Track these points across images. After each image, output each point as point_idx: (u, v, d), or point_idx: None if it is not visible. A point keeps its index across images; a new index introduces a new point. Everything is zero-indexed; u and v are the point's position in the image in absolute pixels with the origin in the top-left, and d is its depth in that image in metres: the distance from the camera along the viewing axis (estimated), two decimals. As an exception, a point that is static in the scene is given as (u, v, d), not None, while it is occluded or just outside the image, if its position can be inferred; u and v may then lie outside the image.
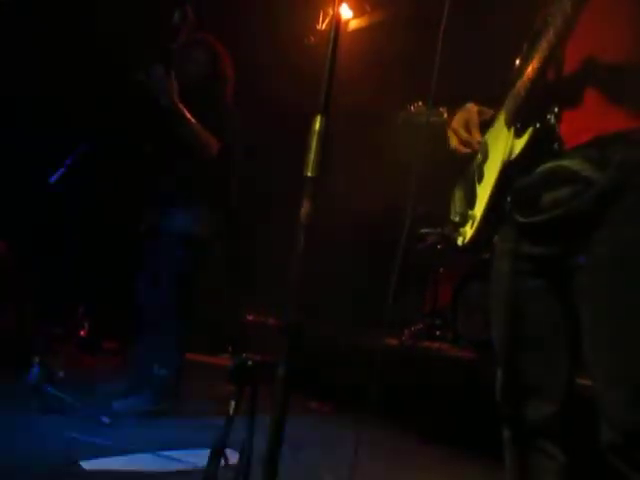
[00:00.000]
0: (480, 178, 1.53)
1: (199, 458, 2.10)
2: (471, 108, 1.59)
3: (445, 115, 4.62)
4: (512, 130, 1.41)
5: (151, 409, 2.75)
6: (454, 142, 1.59)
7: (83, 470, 2.08)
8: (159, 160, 2.95)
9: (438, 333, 3.93)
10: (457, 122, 1.59)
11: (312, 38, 4.77)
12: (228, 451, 1.94)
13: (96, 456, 2.18)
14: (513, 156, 1.37)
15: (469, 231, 1.50)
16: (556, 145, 1.31)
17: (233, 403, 1.83)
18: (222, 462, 1.92)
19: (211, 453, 1.91)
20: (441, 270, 4.05)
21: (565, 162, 1.31)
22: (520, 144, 1.35)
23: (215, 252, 3.02)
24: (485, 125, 1.56)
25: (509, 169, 1.39)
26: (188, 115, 2.76)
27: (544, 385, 1.42)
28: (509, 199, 1.43)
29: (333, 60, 1.13)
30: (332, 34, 1.15)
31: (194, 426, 2.69)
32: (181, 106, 2.74)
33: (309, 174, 1.06)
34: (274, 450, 1.02)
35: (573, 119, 1.31)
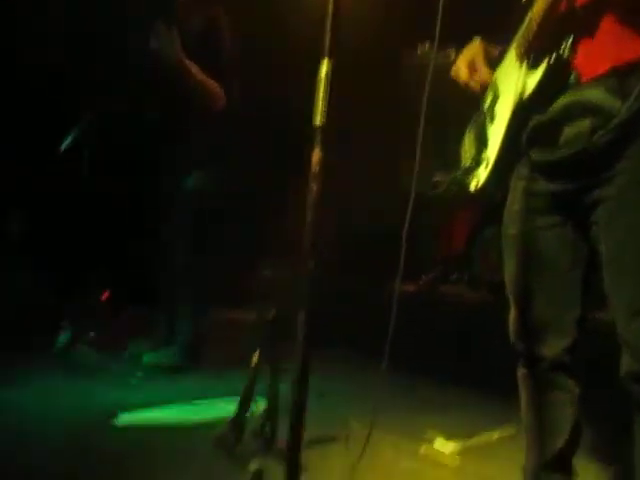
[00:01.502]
0: (492, 118, 1.49)
1: (227, 407, 2.19)
2: (477, 44, 1.54)
3: (453, 56, 4.50)
4: (524, 65, 1.37)
5: (179, 364, 2.84)
6: (464, 77, 1.54)
7: (118, 425, 2.17)
8: (166, 125, 2.94)
9: (454, 277, 3.95)
10: (462, 60, 1.55)
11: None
12: (254, 400, 2.02)
13: (129, 411, 2.27)
14: (527, 92, 1.34)
15: (483, 173, 1.47)
16: (572, 78, 1.29)
17: (257, 354, 1.89)
18: (250, 411, 2.00)
19: (239, 402, 1.98)
20: (454, 214, 4.04)
21: (584, 94, 1.28)
22: (534, 79, 1.32)
23: (228, 209, 3.04)
24: (493, 63, 1.51)
25: (523, 106, 1.36)
26: (194, 68, 2.73)
27: (558, 320, 1.44)
28: (524, 137, 1.40)
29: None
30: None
31: (221, 378, 2.77)
32: (186, 61, 2.72)
33: (318, 122, 1.05)
34: (300, 397, 1.06)
35: (589, 50, 1.28)
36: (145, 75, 2.89)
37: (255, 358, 1.94)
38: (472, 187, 1.50)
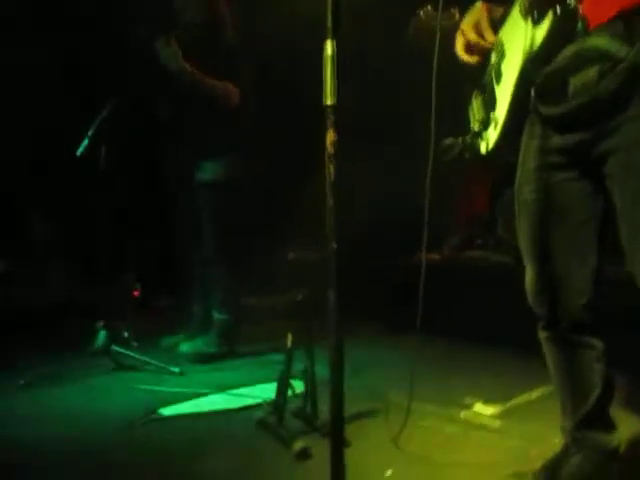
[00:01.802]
0: (498, 78, 1.48)
1: (267, 392, 2.23)
2: (480, 7, 1.52)
3: (457, 16, 4.41)
4: (529, 20, 1.34)
5: (215, 351, 2.89)
6: (459, 46, 1.54)
7: (162, 417, 2.23)
8: (178, 121, 2.95)
9: (479, 242, 3.93)
10: (466, 24, 1.53)
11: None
12: (293, 381, 2.05)
13: (172, 403, 2.33)
14: (535, 47, 1.32)
15: (492, 135, 1.46)
16: (580, 26, 1.26)
17: (290, 336, 1.92)
18: (289, 392, 2.03)
19: (277, 385, 2.02)
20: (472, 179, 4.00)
21: (591, 42, 1.26)
22: (541, 33, 1.29)
23: (250, 196, 3.06)
24: (497, 23, 1.49)
25: (531, 62, 1.34)
26: (199, 75, 2.74)
27: (575, 276, 1.44)
28: (533, 93, 1.39)
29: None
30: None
31: (256, 364, 2.82)
32: (190, 69, 2.73)
33: (329, 102, 1.05)
34: (337, 372, 1.07)
35: None
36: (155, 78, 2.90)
37: (289, 340, 1.97)
38: (483, 150, 1.50)
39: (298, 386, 2.07)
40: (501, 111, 1.43)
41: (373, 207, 4.02)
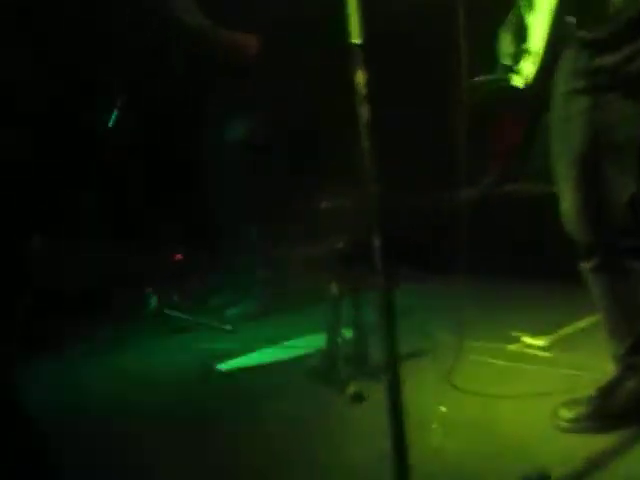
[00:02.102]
0: (530, 8, 1.43)
1: (317, 341, 2.28)
2: None
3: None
4: None
5: (261, 310, 2.96)
6: None
7: (217, 373, 2.32)
8: (197, 78, 2.92)
9: (516, 174, 3.84)
10: None
11: None
12: (342, 329, 2.09)
13: (227, 359, 2.41)
14: None
15: (529, 67, 1.44)
16: None
17: (335, 284, 1.95)
18: (339, 339, 2.08)
19: (327, 333, 2.06)
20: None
21: None
22: None
23: (277, 154, 3.04)
24: None
25: None
26: (213, 31, 2.68)
27: (618, 199, 1.43)
28: (571, 19, 1.34)
29: None
30: None
31: (305, 315, 2.86)
32: (208, 24, 2.67)
33: (355, 41, 1.03)
34: (389, 315, 1.09)
35: None
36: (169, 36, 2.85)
37: (334, 288, 2.00)
38: (521, 83, 1.47)
39: (347, 333, 2.12)
40: (537, 41, 1.41)
41: (407, 147, 3.94)
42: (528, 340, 2.22)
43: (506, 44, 1.53)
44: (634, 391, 1.57)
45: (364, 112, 1.00)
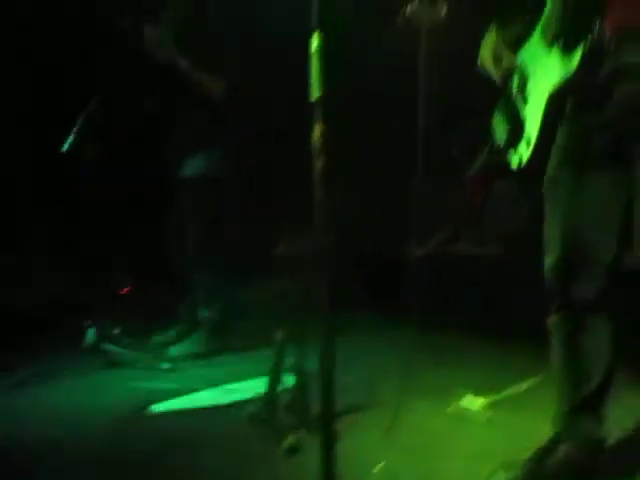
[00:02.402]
0: (525, 99, 1.56)
1: (258, 387, 2.23)
2: (494, 35, 1.62)
3: (445, 9, 4.42)
4: (556, 48, 1.42)
5: (205, 351, 2.88)
6: (489, 66, 1.64)
7: (152, 414, 2.22)
8: (163, 113, 2.93)
9: (465, 235, 3.95)
10: (485, 50, 1.63)
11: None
12: (284, 375, 2.05)
13: (162, 400, 2.32)
14: (569, 74, 1.39)
15: (525, 151, 1.54)
16: (612, 47, 1.35)
17: (280, 330, 1.92)
18: (280, 386, 2.03)
19: (268, 379, 2.02)
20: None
21: (628, 59, 1.36)
22: (573, 62, 1.37)
23: (237, 191, 3.05)
24: (515, 43, 1.59)
25: (566, 86, 1.42)
26: (187, 65, 2.72)
27: (598, 260, 1.52)
28: (570, 106, 1.48)
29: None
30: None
31: (247, 359, 2.82)
32: (179, 58, 2.71)
33: (316, 95, 1.05)
34: (328, 366, 1.08)
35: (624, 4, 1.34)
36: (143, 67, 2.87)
37: (279, 334, 1.97)
38: (515, 164, 1.59)
39: (289, 380, 2.08)
40: (533, 129, 1.52)
41: (364, 200, 4.01)
42: (471, 399, 2.23)
43: (500, 128, 1.66)
44: (566, 456, 1.59)
45: (319, 164, 1.01)
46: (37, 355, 2.80)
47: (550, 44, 1.45)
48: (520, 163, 1.57)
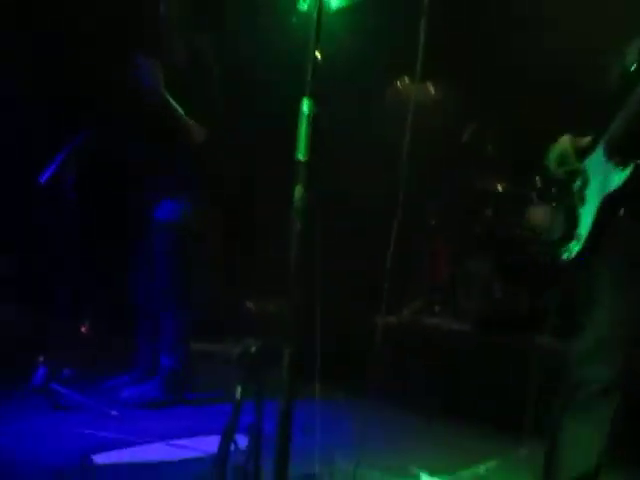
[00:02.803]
0: (582, 201, 1.78)
1: (210, 445, 2.14)
2: (566, 140, 1.85)
3: (432, 89, 4.63)
4: (611, 162, 1.64)
5: (159, 398, 2.78)
6: (553, 169, 1.88)
7: (95, 464, 2.11)
8: (145, 154, 2.94)
9: (438, 309, 3.96)
10: (553, 153, 1.87)
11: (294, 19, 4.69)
12: (238, 436, 1.97)
13: (107, 449, 2.21)
14: (613, 188, 1.63)
15: (575, 247, 1.76)
16: None
17: (239, 388, 1.86)
18: (233, 447, 1.95)
19: (221, 438, 1.94)
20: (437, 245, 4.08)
21: None
22: (620, 178, 1.61)
23: (208, 241, 3.03)
24: (583, 152, 1.81)
25: (611, 198, 1.64)
26: (175, 106, 2.75)
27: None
28: (622, 213, 1.67)
29: (317, 41, 1.13)
30: (316, 14, 1.14)
31: (202, 414, 2.72)
32: (167, 97, 2.74)
33: (301, 158, 1.07)
34: (284, 433, 1.04)
35: None
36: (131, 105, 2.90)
37: (237, 392, 1.91)
38: (565, 257, 1.79)
39: (243, 442, 2.00)
40: (584, 229, 1.74)
41: (335, 269, 4.03)
42: (425, 478, 2.17)
43: (557, 222, 1.86)
44: None
45: (298, 225, 1.01)
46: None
47: (608, 158, 1.66)
48: (569, 256, 1.77)
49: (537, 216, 3.80)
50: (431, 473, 2.19)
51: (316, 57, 1.06)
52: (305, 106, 1.08)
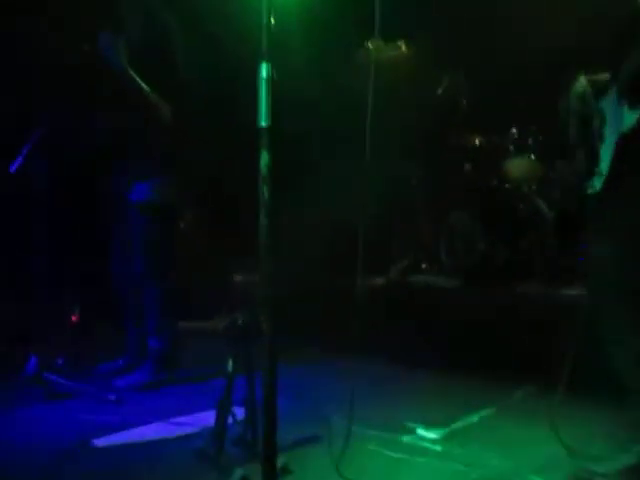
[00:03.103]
0: (601, 139, 1.85)
1: (207, 419, 2.16)
2: (583, 81, 1.93)
3: (403, 47, 4.57)
4: (626, 103, 1.71)
5: (152, 381, 2.79)
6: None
7: (96, 448, 2.13)
8: (114, 132, 2.89)
9: (424, 266, 4.00)
10: (575, 93, 1.93)
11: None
12: (234, 408, 2.00)
13: (107, 433, 2.23)
14: (626, 128, 1.71)
15: (598, 182, 1.85)
16: None
17: (230, 362, 1.88)
18: (229, 419, 1.98)
19: (217, 412, 1.96)
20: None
21: None
22: (631, 119, 1.69)
23: (184, 218, 3.02)
24: (601, 92, 1.88)
25: (625, 137, 1.72)
26: (139, 82, 2.70)
27: None
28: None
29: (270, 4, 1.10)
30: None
31: (197, 390, 2.74)
32: (132, 73, 2.68)
33: (263, 124, 1.05)
34: (270, 399, 1.05)
35: None
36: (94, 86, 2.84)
37: (229, 366, 1.93)
38: (589, 192, 1.88)
39: (239, 413, 2.02)
40: (604, 166, 1.82)
41: (317, 229, 4.03)
42: (422, 432, 2.22)
43: (579, 160, 1.94)
44: None
45: (264, 192, 1.01)
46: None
47: (621, 99, 1.74)
48: (593, 191, 1.85)
49: (515, 167, 3.82)
50: (426, 427, 2.24)
51: (270, 21, 1.04)
52: (263, 70, 1.06)
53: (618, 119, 1.76)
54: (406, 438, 2.18)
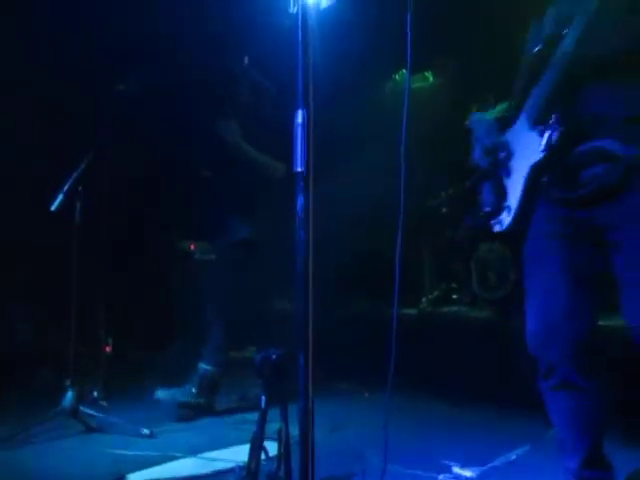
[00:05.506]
0: (508, 173, 1.75)
1: (240, 455, 2.15)
2: (483, 115, 1.91)
3: (430, 78, 4.61)
4: (536, 130, 1.62)
5: (191, 401, 2.83)
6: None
7: (130, 482, 2.13)
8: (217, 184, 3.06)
9: (455, 297, 3.95)
10: (480, 127, 1.87)
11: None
12: (266, 443, 1.98)
13: (141, 468, 2.23)
14: (540, 156, 1.59)
15: (506, 219, 1.74)
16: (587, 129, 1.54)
17: (264, 397, 1.87)
18: (262, 455, 1.96)
19: (250, 448, 1.95)
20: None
21: (597, 143, 1.54)
22: (544, 147, 1.57)
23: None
24: (504, 123, 1.81)
25: (540, 164, 1.61)
26: (252, 151, 2.94)
27: (578, 325, 1.63)
28: (545, 180, 1.65)
29: (306, 47, 1.12)
30: (300, 18, 1.15)
31: (230, 424, 2.74)
32: (245, 147, 2.94)
33: (299, 169, 1.07)
34: (306, 436, 1.04)
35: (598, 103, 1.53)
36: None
37: (262, 401, 1.92)
38: (496, 229, 1.78)
39: (273, 448, 2.01)
40: (513, 200, 1.72)
41: (351, 263, 4.04)
42: (458, 470, 2.16)
43: (485, 195, 1.84)
44: None
45: (301, 234, 1.02)
46: (12, 415, 2.69)
47: (531, 126, 1.65)
48: (501, 228, 1.75)
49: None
50: (463, 465, 2.18)
51: (308, 66, 1.06)
52: (299, 116, 1.08)
53: (528, 150, 1.65)
54: (442, 477, 2.13)
